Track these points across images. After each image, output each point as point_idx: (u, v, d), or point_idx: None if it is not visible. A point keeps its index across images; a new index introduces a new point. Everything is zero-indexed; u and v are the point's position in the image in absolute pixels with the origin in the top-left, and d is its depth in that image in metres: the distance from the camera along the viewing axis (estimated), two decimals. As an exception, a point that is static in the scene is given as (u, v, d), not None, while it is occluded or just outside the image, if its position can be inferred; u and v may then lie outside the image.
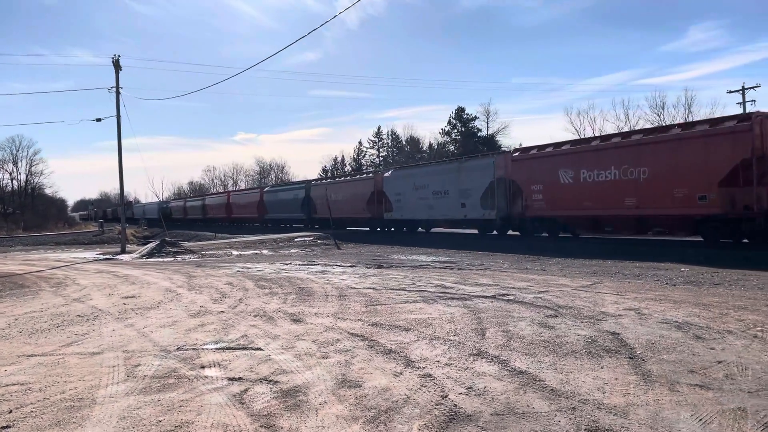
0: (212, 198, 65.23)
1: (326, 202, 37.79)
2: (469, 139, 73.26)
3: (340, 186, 38.86)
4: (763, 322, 6.82)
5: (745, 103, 42.44)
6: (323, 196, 38.68)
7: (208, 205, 61.61)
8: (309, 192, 41.37)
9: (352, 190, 36.42)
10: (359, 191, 35.31)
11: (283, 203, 44.63)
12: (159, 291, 11.38)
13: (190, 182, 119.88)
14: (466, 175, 26.62)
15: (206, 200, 64.44)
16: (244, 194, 56.28)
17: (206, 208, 61.39)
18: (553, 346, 5.93)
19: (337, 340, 6.45)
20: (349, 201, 36.08)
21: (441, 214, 28.37)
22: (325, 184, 40.86)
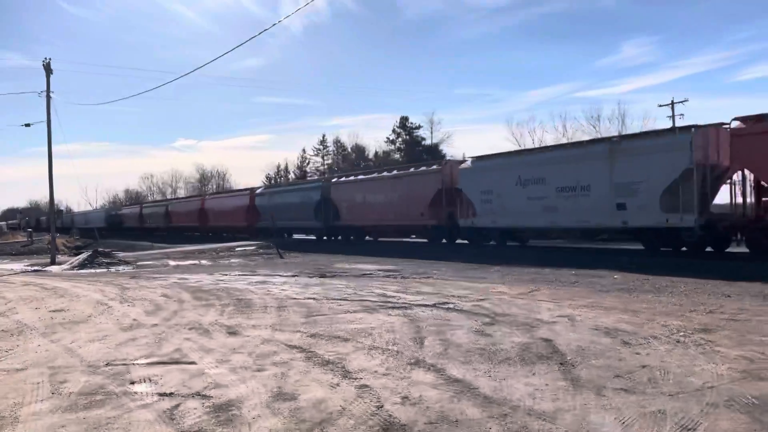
0: (181, 204, 55.72)
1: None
2: (413, 148, 73.99)
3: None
4: (686, 328, 7.14)
5: (674, 116, 44.48)
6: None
7: (174, 212, 53.35)
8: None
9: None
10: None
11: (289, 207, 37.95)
12: (89, 304, 10.96)
13: (126, 190, 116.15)
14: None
15: (172, 206, 55.50)
16: (224, 199, 46.93)
17: (171, 216, 53.49)
18: (488, 353, 6.03)
19: (274, 352, 6.37)
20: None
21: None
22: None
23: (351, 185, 31.89)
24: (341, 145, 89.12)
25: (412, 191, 26.82)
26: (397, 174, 28.98)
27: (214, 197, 48.01)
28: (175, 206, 55.23)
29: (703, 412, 4.19)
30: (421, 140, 76.62)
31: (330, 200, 32.34)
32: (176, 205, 55.52)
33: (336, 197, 32.14)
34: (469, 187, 23.43)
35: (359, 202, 30.53)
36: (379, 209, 28.87)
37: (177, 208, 53.88)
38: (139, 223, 60.61)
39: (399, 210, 27.40)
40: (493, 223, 22.63)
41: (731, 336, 6.65)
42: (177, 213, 52.07)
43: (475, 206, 23.11)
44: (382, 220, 28.85)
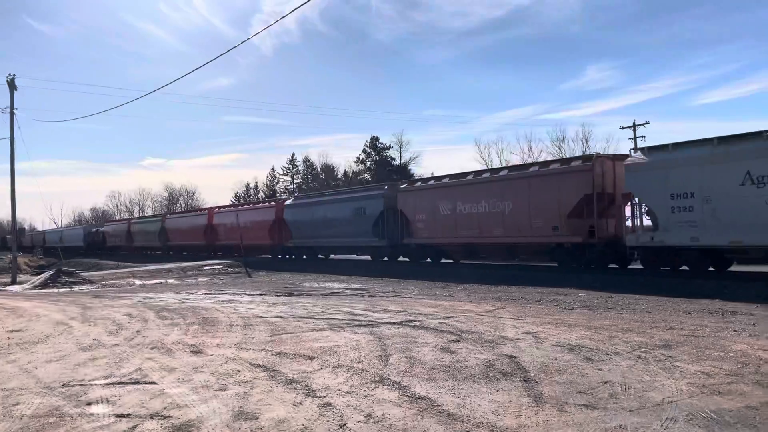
0: (182, 219, 47.09)
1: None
2: (383, 168, 74.27)
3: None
4: (647, 344, 7.26)
5: (636, 138, 45.58)
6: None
7: (173, 229, 45.95)
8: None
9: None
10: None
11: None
12: (49, 324, 10.67)
13: (92, 208, 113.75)
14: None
15: (169, 222, 47.66)
16: (242, 213, 37.98)
17: (168, 233, 46.36)
18: (453, 370, 6.03)
19: (237, 371, 6.27)
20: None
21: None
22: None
23: (433, 193, 24.07)
24: (311, 164, 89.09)
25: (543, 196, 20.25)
26: (524, 174, 20.95)
27: (228, 211, 41.87)
28: (173, 222, 47.16)
29: (663, 426, 4.25)
30: (391, 160, 77.02)
31: (399, 212, 25.26)
32: (175, 221, 47.14)
33: (408, 208, 24.97)
34: None
35: (447, 214, 22.92)
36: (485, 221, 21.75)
37: (177, 224, 46.21)
38: (126, 241, 53.47)
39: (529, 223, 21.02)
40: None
41: (691, 352, 6.78)
42: (177, 230, 45.31)
43: None
44: (485, 237, 21.62)
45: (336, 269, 25.42)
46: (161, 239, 46.86)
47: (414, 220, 24.33)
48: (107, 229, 62.27)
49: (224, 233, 39.00)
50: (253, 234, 34.55)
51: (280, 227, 33.00)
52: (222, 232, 39.34)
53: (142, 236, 51.03)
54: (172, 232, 45.85)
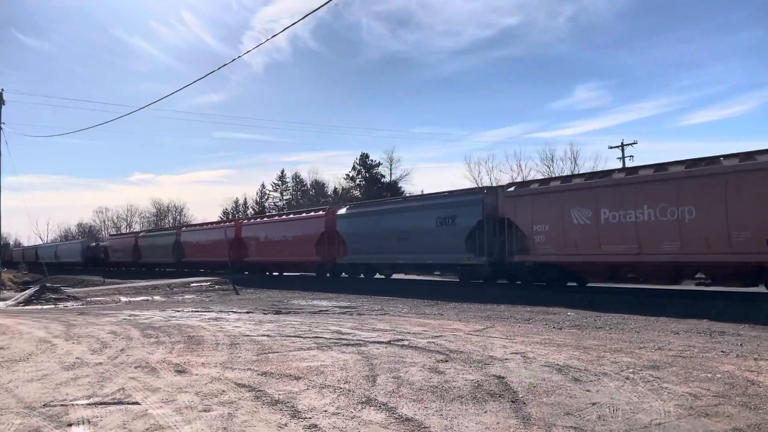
0: (200, 233, 41.04)
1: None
2: (372, 185, 74.36)
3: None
4: (635, 364, 7.24)
5: (624, 157, 46.01)
6: None
7: (190, 243, 40.62)
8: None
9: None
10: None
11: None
12: (32, 341, 10.50)
13: (79, 224, 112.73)
14: None
15: (186, 235, 42.09)
16: (278, 224, 34.39)
17: (185, 248, 41.31)
18: (441, 391, 5.98)
19: (222, 391, 6.18)
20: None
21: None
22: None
23: (562, 197, 19.03)
24: (300, 180, 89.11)
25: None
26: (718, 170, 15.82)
27: (261, 222, 36.89)
28: (191, 235, 41.42)
29: (649, 449, 4.22)
30: (381, 177, 77.17)
31: (506, 221, 20.49)
32: (194, 234, 41.38)
33: (521, 216, 20.05)
34: None
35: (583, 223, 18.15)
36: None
37: (195, 237, 40.67)
38: (133, 257, 48.28)
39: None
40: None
41: (678, 373, 6.77)
42: (195, 244, 40.12)
43: None
44: None
45: (325, 287, 25.10)
46: (175, 254, 42.06)
47: (531, 232, 19.54)
48: (110, 243, 56.14)
49: (255, 248, 34.57)
50: (294, 249, 30.42)
51: (331, 240, 28.45)
52: (252, 247, 34.82)
53: (152, 251, 45.59)
54: (189, 247, 40.93)
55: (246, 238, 35.51)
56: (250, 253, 34.93)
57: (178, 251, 42.04)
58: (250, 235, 35.31)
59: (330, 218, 28.95)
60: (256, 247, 34.53)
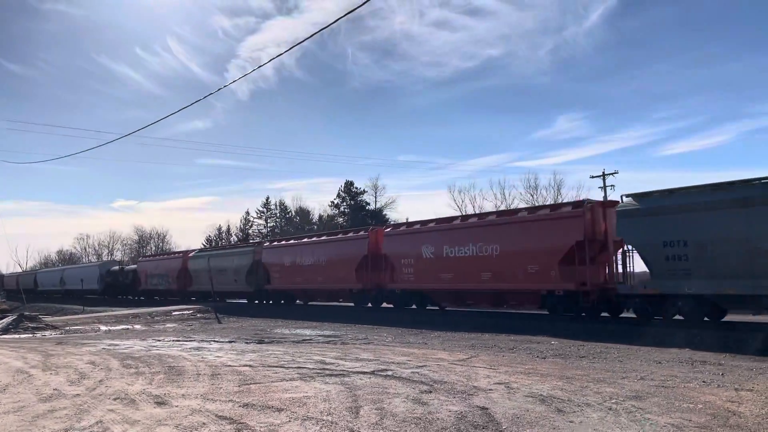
0: (307, 248, 29.84)
1: None
2: (357, 213, 74.39)
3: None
4: (618, 395, 7.26)
5: (606, 187, 46.63)
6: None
7: (280, 265, 30.78)
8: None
9: None
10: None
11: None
12: (8, 372, 10.28)
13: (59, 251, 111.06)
14: None
15: (269, 254, 32.11)
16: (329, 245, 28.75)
17: (270, 270, 31.39)
18: (424, 423, 5.94)
19: (202, 423, 6.09)
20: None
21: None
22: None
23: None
24: (285, 208, 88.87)
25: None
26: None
27: (285, 246, 31.68)
28: (284, 253, 31.08)
29: (632, 481, 4.22)
30: (366, 205, 77.24)
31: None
32: (287, 252, 30.91)
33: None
34: None
35: None
36: None
37: (291, 255, 30.39)
38: (179, 283, 39.22)
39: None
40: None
41: (661, 403, 6.79)
42: (293, 267, 29.81)
43: None
44: None
45: (310, 316, 24.90)
46: (252, 280, 32.75)
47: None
48: (142, 266, 45.54)
49: (279, 274, 30.69)
50: (337, 274, 26.85)
51: (375, 264, 25.06)
52: (276, 272, 30.82)
53: (214, 277, 34.37)
54: (281, 270, 30.84)
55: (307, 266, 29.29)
56: (273, 280, 31.45)
57: (257, 276, 32.51)
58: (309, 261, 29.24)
59: (375, 239, 25.56)
60: (280, 273, 30.86)
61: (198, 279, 37.81)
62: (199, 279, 37.69)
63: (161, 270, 42.42)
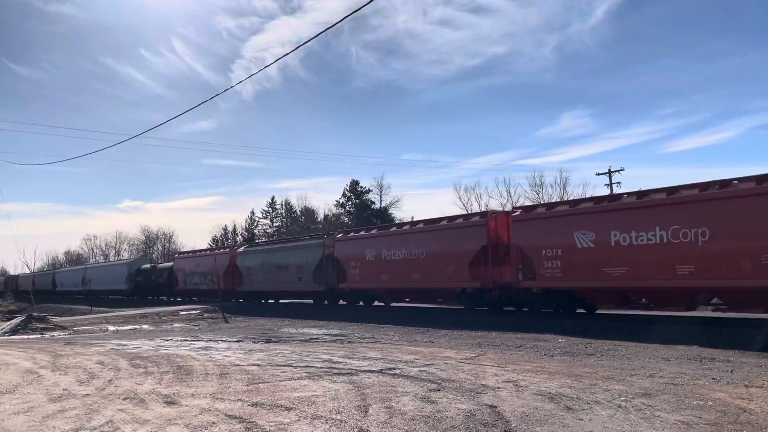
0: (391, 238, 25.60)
1: None
2: (362, 211, 74.46)
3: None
4: (627, 392, 7.24)
5: (612, 184, 46.47)
6: None
7: (357, 258, 26.48)
8: None
9: None
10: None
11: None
12: (17, 372, 10.34)
13: (66, 252, 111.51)
14: None
15: (342, 247, 27.79)
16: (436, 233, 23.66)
17: (344, 266, 27.14)
18: (433, 421, 5.95)
19: (212, 423, 6.11)
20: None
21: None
22: None
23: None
24: (290, 207, 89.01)
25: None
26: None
27: (407, 233, 25.43)
28: (364, 246, 26.54)
29: (643, 478, 4.21)
30: (371, 204, 77.29)
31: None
32: (368, 243, 26.42)
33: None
34: None
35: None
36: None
37: (358, 249, 26.73)
38: (225, 282, 34.24)
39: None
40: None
41: (670, 400, 6.78)
42: (376, 262, 25.58)
43: None
44: None
45: (315, 315, 24.85)
46: (321, 278, 28.50)
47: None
48: (179, 264, 41.12)
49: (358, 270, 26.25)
50: (443, 270, 22.40)
51: (497, 258, 20.55)
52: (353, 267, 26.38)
53: (268, 275, 31.81)
54: (363, 266, 26.32)
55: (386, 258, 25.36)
56: (349, 278, 27.12)
57: (327, 273, 28.34)
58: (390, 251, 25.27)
59: (496, 226, 20.99)
60: (359, 269, 26.59)
61: (250, 277, 33.60)
62: (251, 278, 33.46)
63: (203, 268, 37.51)
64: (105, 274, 50.02)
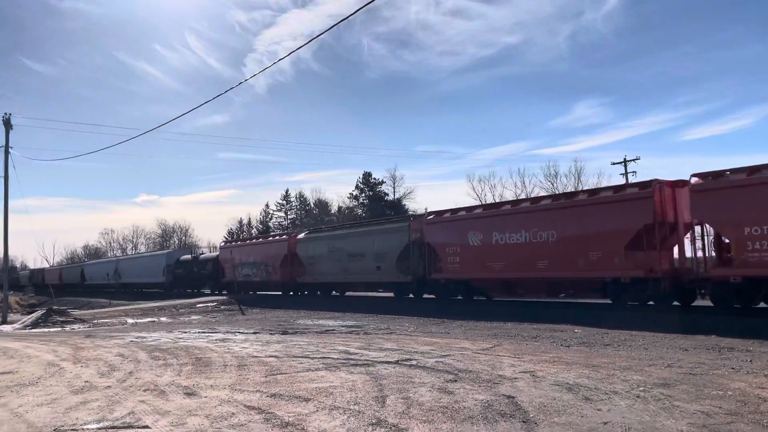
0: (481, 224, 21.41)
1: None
2: (376, 203, 74.36)
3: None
4: (645, 382, 7.21)
5: (627, 174, 46.01)
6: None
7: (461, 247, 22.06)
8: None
9: None
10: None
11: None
12: (40, 365, 10.51)
13: (85, 246, 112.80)
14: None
15: (434, 231, 23.47)
16: None
17: (442, 254, 22.85)
18: (451, 411, 5.96)
19: (232, 414, 6.17)
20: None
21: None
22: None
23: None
24: (304, 200, 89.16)
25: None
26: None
27: (526, 211, 20.47)
28: (450, 228, 22.85)
29: (662, 468, 4.20)
30: (384, 195, 77.16)
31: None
32: (457, 227, 22.49)
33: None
34: None
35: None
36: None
37: (456, 233, 22.40)
38: (282, 274, 31.72)
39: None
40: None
41: (689, 390, 6.74)
42: (452, 246, 22.37)
43: None
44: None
45: (331, 306, 24.98)
46: (408, 267, 24.45)
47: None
48: (226, 254, 37.76)
49: None
50: (587, 256, 17.92)
51: (664, 238, 16.60)
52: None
53: (340, 265, 28.28)
54: (464, 252, 21.88)
55: None
56: (445, 266, 22.88)
57: (414, 261, 24.28)
58: None
59: (664, 197, 16.79)
60: (459, 256, 22.24)
61: (314, 267, 30.09)
62: (314, 267, 30.03)
63: (256, 257, 34.23)
64: (139, 266, 47.50)
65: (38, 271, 79.37)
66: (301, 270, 31.05)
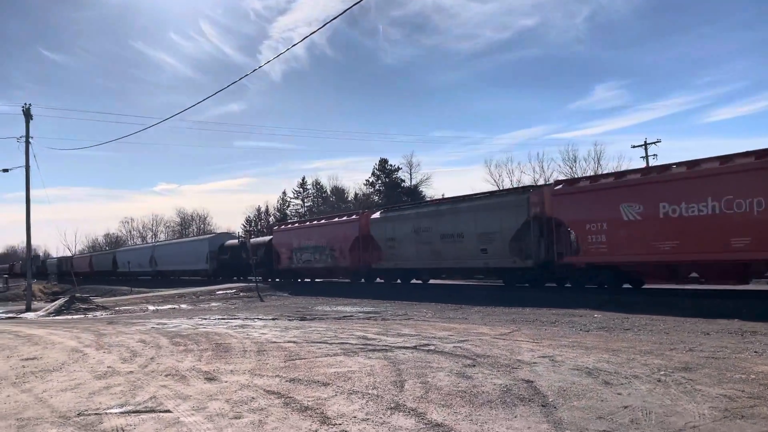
0: (631, 193, 16.88)
1: None
2: (392, 190, 74.30)
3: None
4: (666, 366, 7.14)
5: (648, 156, 45.45)
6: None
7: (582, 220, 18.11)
8: None
9: None
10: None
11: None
12: (64, 351, 10.69)
13: (105, 234, 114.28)
14: None
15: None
16: None
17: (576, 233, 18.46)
18: (469, 396, 5.96)
19: (252, 398, 6.23)
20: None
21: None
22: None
23: None
24: (321, 187, 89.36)
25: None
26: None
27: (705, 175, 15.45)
28: (584, 201, 18.33)
29: (684, 452, 4.16)
30: (401, 182, 77.06)
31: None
32: (594, 199, 18.07)
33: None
34: None
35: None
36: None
37: (594, 206, 17.99)
38: (351, 258, 28.38)
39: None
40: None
41: (711, 374, 6.66)
42: (588, 223, 18.28)
43: None
44: None
45: (348, 293, 25.10)
46: (524, 249, 20.50)
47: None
48: (279, 238, 34.25)
49: None
50: None
51: None
52: None
53: (429, 248, 24.18)
54: (608, 231, 17.51)
55: None
56: (580, 248, 18.56)
57: (533, 242, 20.18)
58: None
59: None
60: (600, 236, 17.79)
61: (394, 251, 25.98)
62: (395, 251, 25.90)
63: (318, 240, 30.52)
64: (178, 252, 44.10)
65: (66, 259, 78.67)
66: (377, 255, 27.11)
